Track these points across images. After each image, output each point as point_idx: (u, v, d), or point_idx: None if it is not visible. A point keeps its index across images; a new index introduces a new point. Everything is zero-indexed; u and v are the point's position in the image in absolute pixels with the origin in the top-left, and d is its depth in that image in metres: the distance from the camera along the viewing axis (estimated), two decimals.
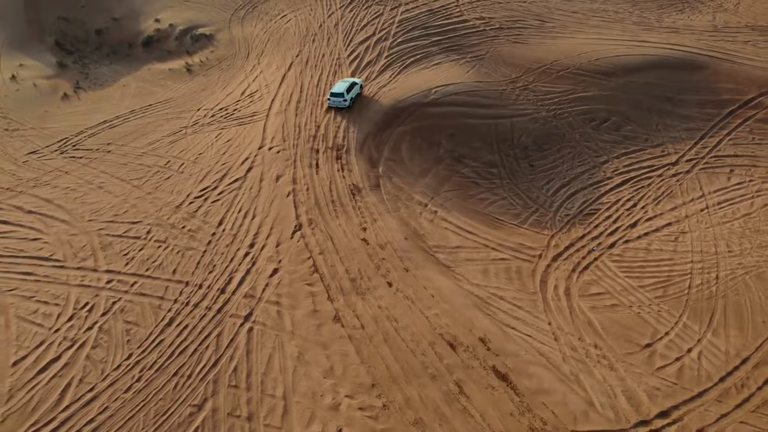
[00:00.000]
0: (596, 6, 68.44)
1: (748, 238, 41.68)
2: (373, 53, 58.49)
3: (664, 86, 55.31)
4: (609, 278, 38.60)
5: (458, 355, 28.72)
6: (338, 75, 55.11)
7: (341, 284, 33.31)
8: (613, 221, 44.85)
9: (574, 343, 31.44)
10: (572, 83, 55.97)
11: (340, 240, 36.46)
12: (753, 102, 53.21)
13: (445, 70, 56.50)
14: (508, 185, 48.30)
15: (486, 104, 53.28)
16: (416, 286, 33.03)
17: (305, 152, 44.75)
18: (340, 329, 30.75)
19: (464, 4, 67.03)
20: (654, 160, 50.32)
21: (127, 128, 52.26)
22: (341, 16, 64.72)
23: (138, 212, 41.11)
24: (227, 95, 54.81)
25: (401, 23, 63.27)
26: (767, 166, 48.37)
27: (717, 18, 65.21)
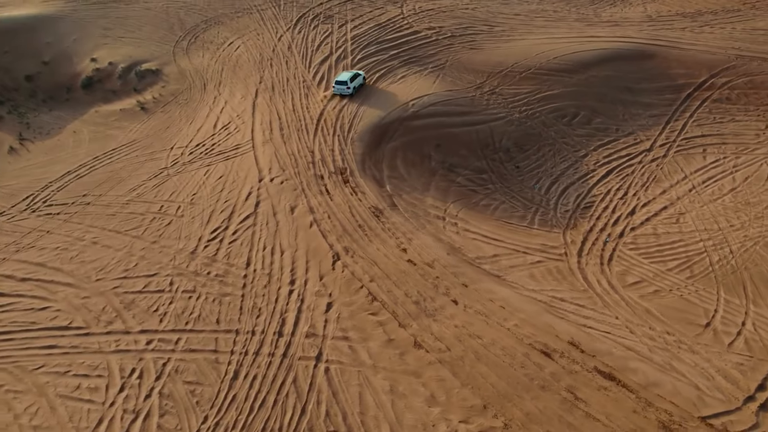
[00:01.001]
0: (534, 7, 70.62)
1: (743, 211, 44.02)
2: (338, 72, 57.55)
3: (623, 77, 57.70)
4: (637, 266, 39.64)
5: (556, 362, 28.57)
6: (309, 97, 53.95)
7: (407, 309, 32.43)
8: (612, 211, 46.19)
9: (649, 332, 32.06)
10: (536, 83, 57.34)
11: (385, 264, 35.52)
12: (706, 84, 56.46)
13: (412, 82, 56.49)
14: (502, 189, 48.77)
15: (462, 112, 53.67)
16: (482, 300, 32.66)
17: (310, 180, 43.40)
18: (425, 355, 29.89)
19: (410, 16, 67.38)
20: (630, 148, 52.29)
21: (98, 176, 48.81)
22: (292, 39, 63.45)
23: (150, 264, 38.41)
24: (198, 130, 52.34)
25: (355, 40, 62.79)
26: (735, 142, 51.19)
27: (648, 8, 68.91)
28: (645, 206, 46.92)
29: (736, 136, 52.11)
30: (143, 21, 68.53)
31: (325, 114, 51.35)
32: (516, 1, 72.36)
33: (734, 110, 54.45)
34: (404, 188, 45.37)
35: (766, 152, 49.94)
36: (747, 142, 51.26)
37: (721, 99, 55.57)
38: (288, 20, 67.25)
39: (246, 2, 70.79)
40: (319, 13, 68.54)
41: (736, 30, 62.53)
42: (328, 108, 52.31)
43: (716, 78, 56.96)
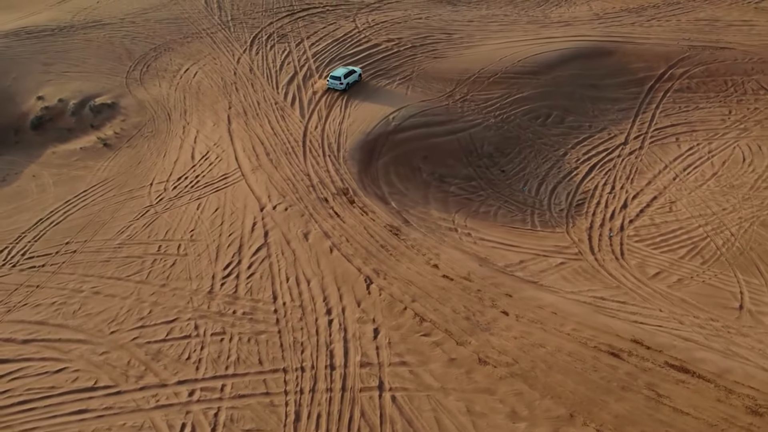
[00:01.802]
0: (484, 12, 71.64)
1: (730, 194, 45.90)
2: (309, 92, 56.50)
3: (587, 75, 59.27)
4: (650, 258, 40.58)
5: (627, 361, 28.67)
6: (286, 119, 52.67)
7: (459, 326, 31.84)
8: (605, 206, 47.15)
9: (695, 321, 32.73)
10: (506, 87, 58.10)
11: (421, 282, 34.81)
12: (666, 75, 58.76)
13: (385, 96, 56.14)
14: (494, 195, 49.08)
15: (440, 121, 53.69)
16: (530, 308, 32.47)
17: (315, 204, 42.17)
18: (493, 370, 29.38)
19: (366, 30, 66.97)
20: (606, 143, 53.68)
21: (76, 222, 45.77)
22: (251, 60, 61.79)
23: (166, 309, 36.21)
24: (175, 163, 49.99)
25: (316, 57, 61.82)
26: (704, 129, 53.39)
27: (593, 7, 71.19)
28: (635, 198, 48.10)
29: (703, 123, 54.30)
30: (87, 53, 65.03)
31: (309, 135, 50.11)
32: (465, 8, 73.16)
33: (696, 98, 56.79)
34: (407, 203, 44.76)
35: (735, 136, 52.21)
36: (715, 128, 53.50)
37: (682, 89, 57.86)
38: (242, 42, 65.42)
39: (193, 27, 68.40)
40: (273, 33, 67.08)
41: (681, 22, 65.39)
42: (310, 128, 51.05)
43: (674, 69, 59.31)
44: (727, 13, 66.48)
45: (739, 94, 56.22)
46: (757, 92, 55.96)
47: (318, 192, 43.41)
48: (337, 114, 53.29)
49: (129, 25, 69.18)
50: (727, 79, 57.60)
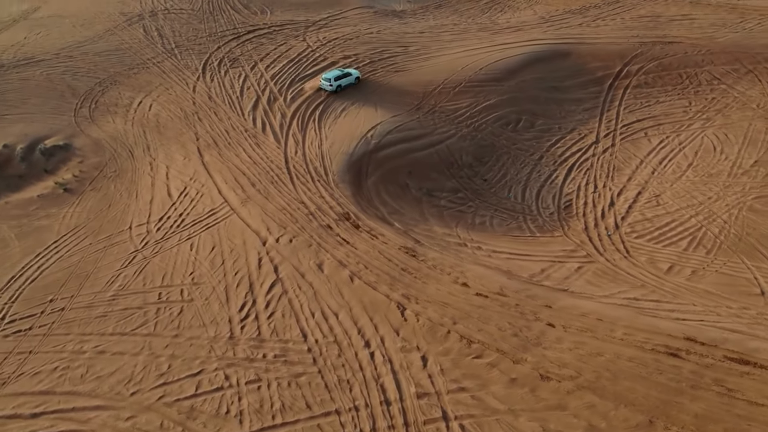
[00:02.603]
0: (433, 23, 71.81)
1: (710, 183, 47.56)
2: (278, 116, 54.84)
3: (548, 78, 60.28)
4: (656, 253, 41.40)
5: (688, 360, 28.83)
6: (262, 146, 50.88)
7: (509, 343, 31.25)
8: (593, 205, 47.86)
9: (731, 311, 33.45)
10: (472, 96, 58.32)
11: (457, 303, 34.03)
12: (622, 73, 60.53)
13: (355, 114, 55.24)
14: (481, 204, 49.08)
15: (416, 135, 53.35)
16: (574, 317, 32.27)
17: (320, 232, 40.70)
18: (558, 385, 28.92)
19: (319, 48, 65.79)
20: (578, 143, 54.68)
21: (54, 276, 42.37)
22: (208, 88, 59.44)
23: (188, 362, 33.90)
24: (150, 203, 47.22)
25: (275, 80, 60.18)
26: (669, 121, 55.22)
27: (537, 10, 72.60)
28: (620, 195, 49.02)
29: (667, 116, 56.12)
30: (26, 93, 60.73)
31: (291, 160, 48.48)
32: (413, 20, 73.12)
33: (655, 93, 58.67)
34: (408, 222, 43.93)
35: (700, 126, 54.17)
36: (680, 120, 55.36)
37: (640, 84, 59.66)
38: (192, 69, 62.83)
39: (136, 57, 65.16)
40: (223, 58, 64.79)
41: (625, 20, 67.59)
42: (290, 153, 49.42)
43: (629, 66, 61.11)
44: (666, 9, 69.21)
45: (694, 86, 58.41)
46: (711, 82, 58.31)
47: (319, 219, 41.87)
48: (313, 136, 51.82)
49: (66, 60, 65.14)
50: (681, 72, 59.78)
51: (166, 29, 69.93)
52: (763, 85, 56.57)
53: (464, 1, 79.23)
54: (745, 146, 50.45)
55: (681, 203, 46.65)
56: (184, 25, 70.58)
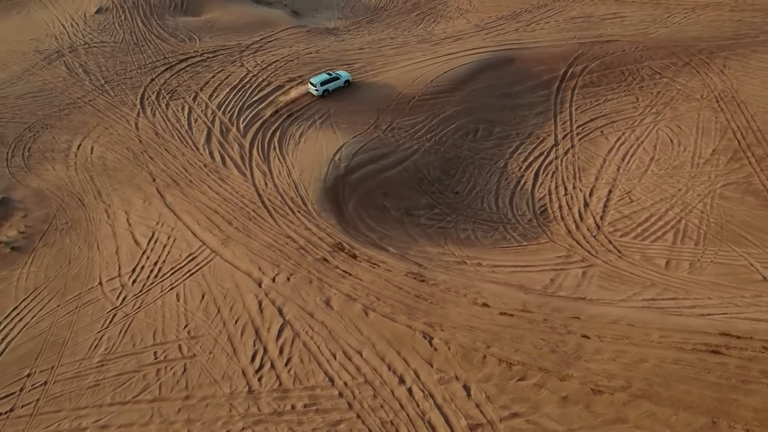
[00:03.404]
0: (369, 38, 71.03)
1: (676, 175, 49.02)
2: (235, 147, 52.45)
3: (497, 85, 60.74)
4: (647, 249, 42.22)
5: (729, 355, 29.15)
6: (227, 181, 48.45)
7: (550, 360, 30.65)
8: (569, 207, 48.40)
9: (747, 301, 34.28)
10: (427, 109, 57.96)
11: (484, 325, 33.18)
12: (568, 74, 61.79)
13: (315, 138, 53.72)
14: (459, 218, 48.87)
15: (381, 155, 52.46)
16: (604, 325, 32.12)
17: (317, 266, 38.93)
18: (612, 397, 28.56)
19: (260, 72, 63.60)
20: (539, 147, 55.31)
21: (25, 347, 38.46)
22: (152, 123, 56.15)
23: (208, 424, 31.39)
24: (117, 253, 43.83)
25: (222, 110, 57.64)
26: (622, 118, 56.71)
27: (470, 19, 73.13)
28: (592, 195, 49.68)
29: (618, 113, 57.59)
30: None
31: (264, 193, 46.31)
32: (349, 37, 72.00)
33: (602, 91, 60.16)
34: (399, 245, 42.81)
35: (652, 120, 55.88)
36: (631, 116, 56.94)
37: (586, 84, 61.02)
38: (130, 105, 59.19)
39: (65, 97, 60.74)
40: (159, 90, 61.41)
41: (559, 22, 69.10)
42: (260, 186, 47.22)
43: (573, 67, 62.42)
44: (595, 9, 71.30)
45: (638, 81, 60.24)
46: (653, 77, 60.32)
47: (312, 253, 39.98)
48: (279, 165, 49.75)
49: None
50: (623, 69, 61.56)
51: (91, 65, 65.59)
52: (701, 75, 58.98)
53: (395, 15, 78.83)
54: (700, 136, 52.26)
55: (654, 197, 47.66)
56: (109, 59, 66.43)
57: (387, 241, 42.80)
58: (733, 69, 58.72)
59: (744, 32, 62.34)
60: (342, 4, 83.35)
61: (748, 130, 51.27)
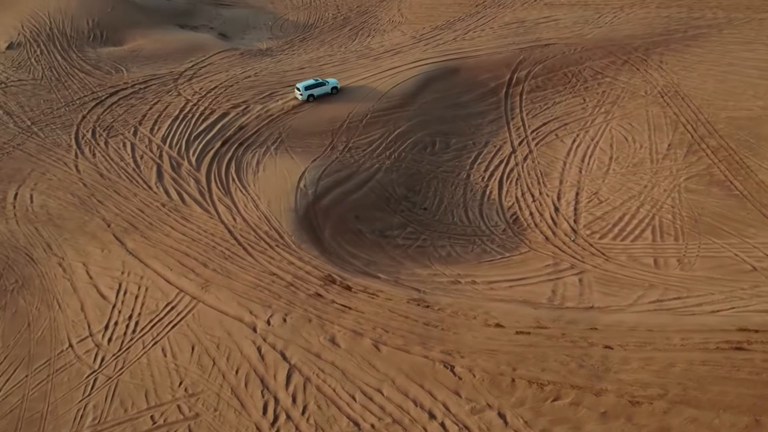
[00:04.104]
0: (307, 57, 69.57)
1: (638, 172, 50.19)
2: (191, 182, 49.81)
3: (447, 96, 60.64)
4: (630, 249, 42.82)
5: (753, 350, 29.39)
6: (191, 220, 45.87)
7: (580, 376, 30.18)
8: (540, 214, 48.65)
9: (749, 292, 35.09)
10: (381, 125, 57.19)
11: (503, 347, 32.38)
12: (513, 80, 62.41)
13: (273, 165, 52.02)
14: (434, 235, 48.47)
15: (345, 177, 51.38)
16: (624, 334, 31.97)
17: (312, 303, 37.15)
18: (650, 407, 28.32)
19: (200, 101, 60.89)
20: (497, 156, 55.56)
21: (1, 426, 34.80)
22: (94, 164, 52.58)
23: None
24: (82, 310, 40.46)
25: (168, 143, 54.81)
26: (573, 120, 57.70)
27: (405, 31, 72.81)
28: (560, 199, 50.05)
29: (569, 115, 58.53)
30: None
31: (234, 229, 43.97)
32: (285, 57, 70.17)
33: (549, 94, 61.03)
34: (388, 270, 41.62)
35: (603, 120, 57.12)
36: (582, 117, 57.98)
37: (533, 89, 61.75)
38: (65, 146, 55.23)
39: None
40: (94, 127, 57.67)
41: (495, 29, 69.80)
42: (229, 222, 44.84)
43: (518, 73, 63.05)
44: (527, 14, 72.43)
45: (582, 83, 61.46)
46: (595, 77, 61.67)
47: (303, 289, 38.14)
48: (243, 198, 47.48)
49: None
50: (566, 71, 62.66)
51: (12, 105, 60.76)
52: (642, 72, 60.73)
53: (327, 31, 77.44)
54: (653, 132, 53.65)
55: (621, 196, 48.41)
56: (32, 98, 61.80)
57: (374, 268, 41.37)
58: (671, 64, 60.72)
59: (674, 28, 64.67)
60: (270, 24, 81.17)
61: (697, 123, 52.94)
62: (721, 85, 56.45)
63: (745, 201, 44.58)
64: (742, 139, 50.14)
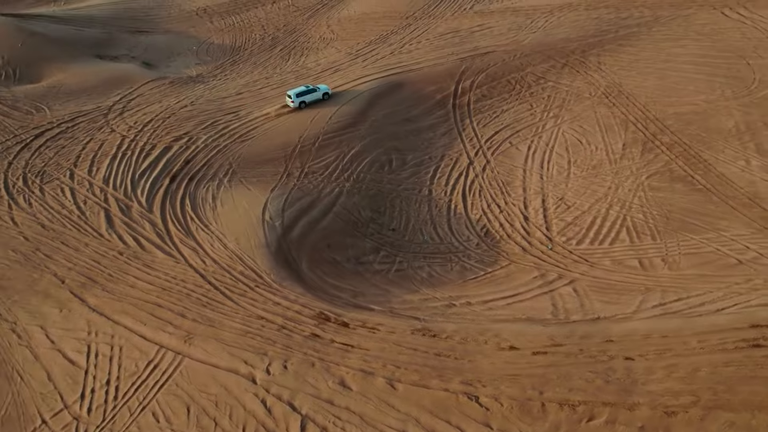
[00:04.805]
0: (243, 81, 67.29)
1: (599, 174, 50.94)
2: (146, 225, 46.79)
3: (396, 112, 59.97)
4: (611, 253, 43.18)
5: None
6: (154, 266, 42.88)
7: (609, 392, 29.76)
8: (510, 224, 48.58)
9: (744, 287, 35.75)
10: (334, 147, 55.84)
11: (525, 370, 31.56)
12: (458, 91, 62.25)
13: (232, 198, 49.70)
14: (408, 256, 47.67)
15: (308, 204, 49.82)
16: (639, 343, 31.84)
17: (311, 345, 35.22)
18: (686, 415, 28.12)
19: (138, 135, 57.48)
20: (456, 169, 55.34)
21: None
22: (32, 215, 48.46)
23: None
24: (50, 380, 36.75)
25: (112, 184, 51.53)
26: (524, 126, 58.05)
27: (339, 48, 71.41)
28: (527, 207, 50.03)
29: (519, 122, 58.83)
30: None
31: (206, 273, 41.33)
32: (219, 83, 67.42)
33: (496, 103, 61.18)
34: (377, 299, 40.28)
35: (554, 124, 57.75)
36: (533, 123, 58.40)
37: (479, 98, 61.78)
38: None
39: None
40: (24, 174, 53.25)
41: (431, 40, 69.68)
42: (199, 265, 42.12)
43: (462, 83, 62.97)
44: (460, 24, 72.55)
45: (526, 88, 61.93)
46: (538, 82, 62.31)
47: (297, 331, 36.11)
48: (208, 237, 44.78)
49: None
50: (509, 78, 62.98)
51: None
52: (582, 74, 61.82)
53: (258, 53, 74.87)
54: (605, 133, 54.53)
55: (588, 199, 48.78)
56: None
57: (363, 299, 39.76)
58: (609, 64, 62.09)
59: (605, 29, 66.26)
60: (195, 49, 77.77)
61: (647, 121, 54.17)
62: (662, 81, 58.05)
63: (710, 194, 45.60)
64: (693, 133, 51.51)
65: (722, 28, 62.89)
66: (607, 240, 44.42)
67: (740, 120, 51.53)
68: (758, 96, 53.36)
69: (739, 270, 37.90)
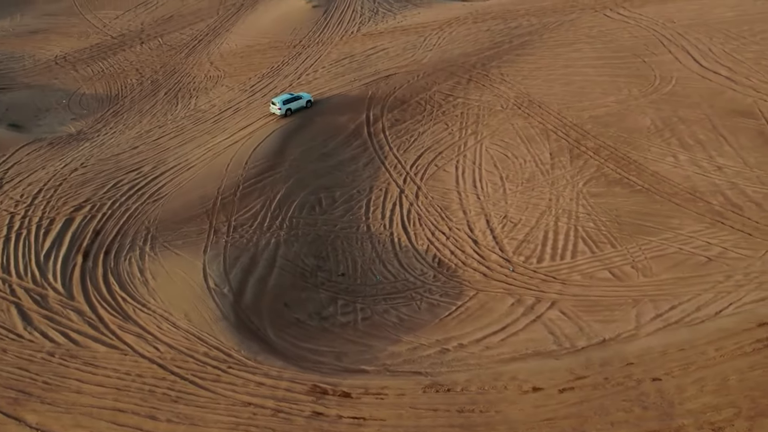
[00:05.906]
0: (133, 133, 61.62)
1: (535, 187, 51.26)
2: (71, 315, 41.02)
3: (313, 147, 57.61)
4: (578, 267, 43.18)
5: None
6: (98, 365, 37.44)
7: (648, 418, 29.05)
8: (461, 251, 47.73)
9: (731, 286, 36.66)
10: (258, 194, 52.60)
11: (558, 411, 30.13)
12: (370, 118, 60.61)
13: (162, 268, 44.95)
14: (367, 301, 45.60)
15: (249, 262, 46.65)
16: (659, 360, 31.62)
17: (315, 425, 31.87)
18: (733, 429, 27.91)
19: (30, 210, 50.64)
20: (388, 200, 53.79)
21: None
22: None
23: None
24: None
25: (14, 272, 44.72)
26: (445, 147, 57.40)
27: (230, 85, 67.32)
28: (473, 230, 49.18)
29: (440, 143, 58.06)
30: None
31: (170, 364, 36.61)
32: (107, 138, 61.08)
33: (411, 126, 60.04)
34: (365, 358, 37.59)
35: (475, 141, 57.46)
36: (454, 142, 57.81)
37: (392, 123, 60.36)
38: None
39: None
40: None
41: (327, 68, 67.24)
42: (152, 354, 37.27)
43: (372, 110, 61.22)
44: (351, 48, 70.80)
45: (437, 108, 61.21)
46: (447, 100, 61.80)
47: (295, 412, 32.56)
48: (153, 320, 39.75)
49: None
50: (418, 100, 61.96)
51: None
52: (489, 88, 62.02)
53: (140, 99, 68.59)
54: (529, 144, 54.77)
55: (533, 214, 48.61)
56: None
57: (349, 360, 36.82)
58: (512, 75, 62.70)
59: (498, 40, 66.99)
60: (66, 102, 69.95)
61: (566, 127, 55.01)
62: (568, 87, 59.30)
63: (651, 194, 46.71)
64: (614, 135, 52.81)
65: (609, 29, 65.48)
66: (566, 254, 44.14)
67: (655, 117, 53.46)
68: (664, 92, 55.71)
69: (712, 268, 38.76)
